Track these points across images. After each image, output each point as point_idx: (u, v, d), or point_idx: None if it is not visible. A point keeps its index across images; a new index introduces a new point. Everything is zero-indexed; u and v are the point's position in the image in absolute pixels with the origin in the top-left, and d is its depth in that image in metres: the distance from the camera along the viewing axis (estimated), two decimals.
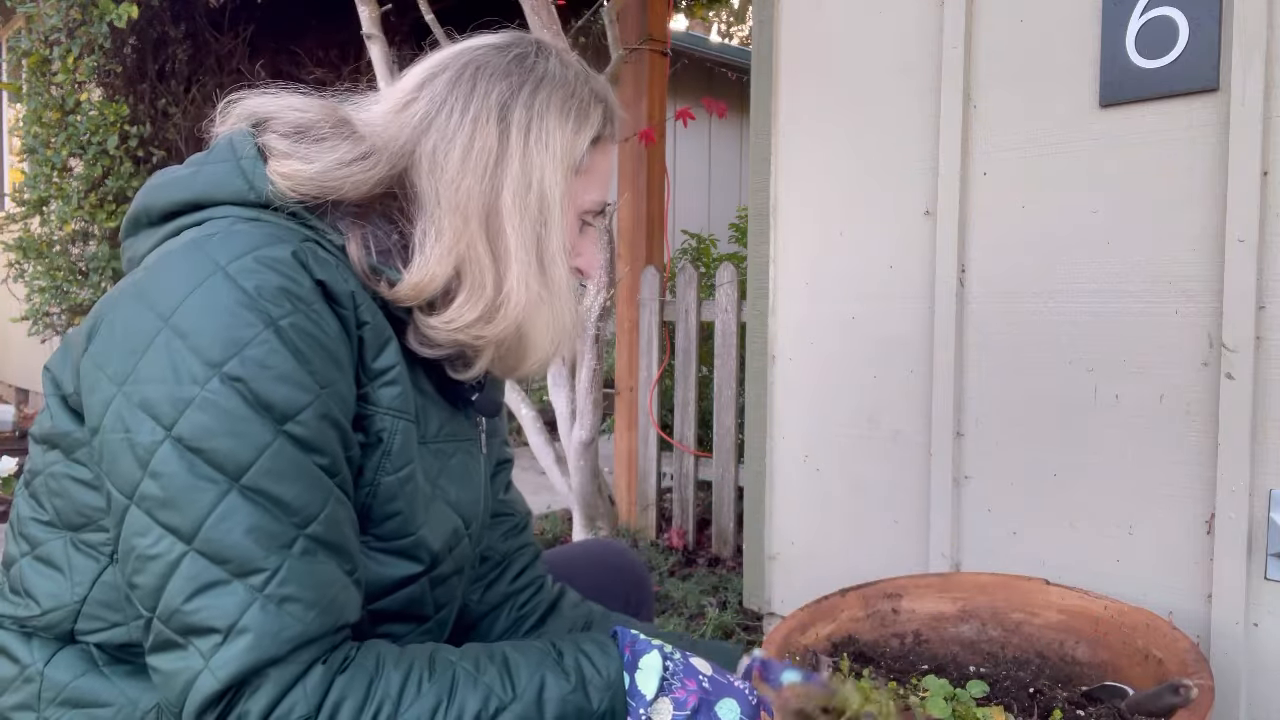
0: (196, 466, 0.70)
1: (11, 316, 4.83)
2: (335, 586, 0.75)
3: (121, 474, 0.73)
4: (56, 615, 0.82)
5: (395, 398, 0.84)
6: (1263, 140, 1.38)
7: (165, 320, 0.73)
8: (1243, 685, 1.43)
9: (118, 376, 0.74)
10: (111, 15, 3.80)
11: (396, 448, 0.84)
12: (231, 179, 0.83)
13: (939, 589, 1.52)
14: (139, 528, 0.72)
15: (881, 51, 1.88)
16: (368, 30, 2.43)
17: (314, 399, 0.74)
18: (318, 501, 0.74)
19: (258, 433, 0.72)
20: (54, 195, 4.23)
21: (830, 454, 1.99)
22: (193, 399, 0.71)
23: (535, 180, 0.88)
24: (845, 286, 1.95)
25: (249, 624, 0.69)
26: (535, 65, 0.92)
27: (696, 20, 9.02)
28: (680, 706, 0.84)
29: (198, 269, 0.74)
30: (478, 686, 0.78)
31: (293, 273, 0.76)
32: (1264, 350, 1.41)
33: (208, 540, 0.70)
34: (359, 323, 0.81)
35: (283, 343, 0.73)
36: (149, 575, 0.71)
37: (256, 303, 0.73)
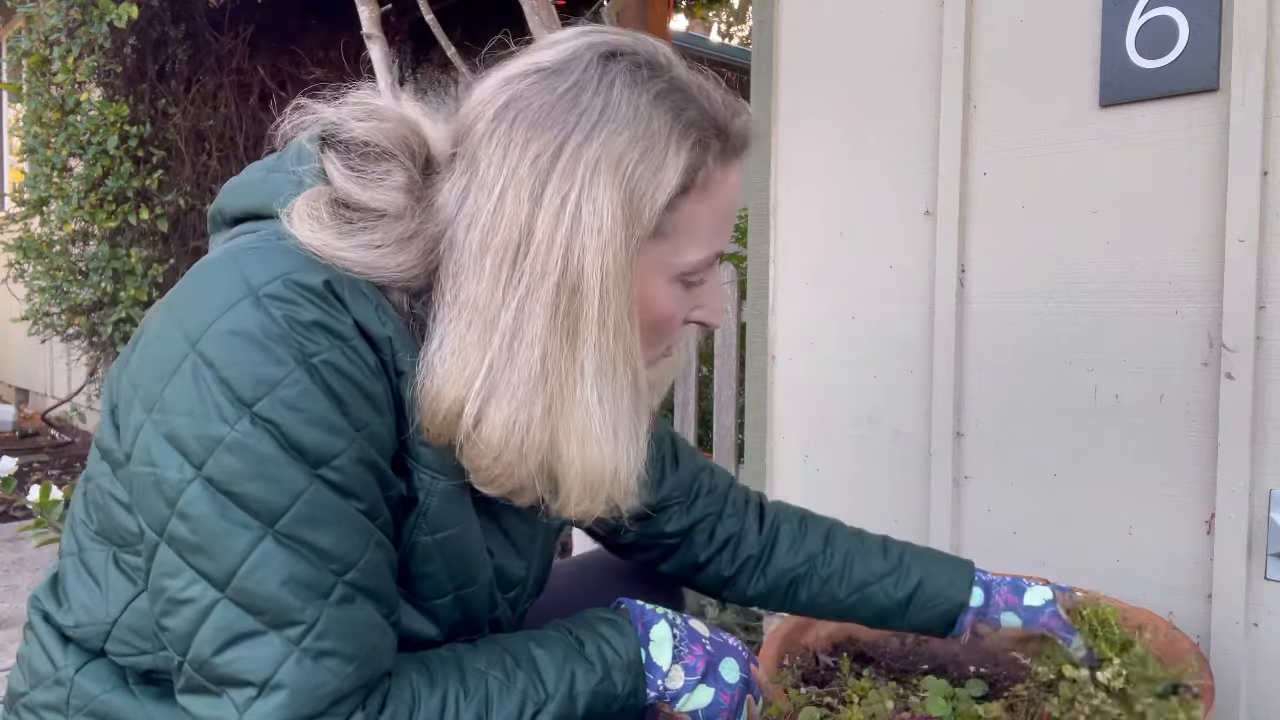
0: (229, 511, 0.66)
1: (11, 316, 4.83)
2: (374, 634, 0.71)
3: (150, 509, 0.69)
4: (88, 631, 0.79)
5: (434, 457, 0.76)
6: (1263, 140, 1.38)
7: (193, 345, 0.68)
8: (1243, 685, 1.43)
9: (147, 402, 0.69)
10: (111, 15, 3.80)
11: (434, 509, 0.77)
12: (286, 190, 0.76)
13: None
14: (170, 568, 0.68)
15: (882, 51, 1.88)
16: (368, 30, 2.43)
17: (349, 444, 0.69)
18: (358, 548, 0.70)
19: (291, 478, 0.67)
20: (54, 195, 4.23)
21: (830, 454, 1.99)
22: (222, 438, 0.66)
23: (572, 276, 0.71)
24: (845, 286, 1.95)
25: (284, 679, 0.66)
26: (591, 103, 0.72)
27: (696, 20, 9.02)
28: (691, 672, 0.85)
29: (229, 290, 0.68)
30: (512, 694, 0.76)
31: (328, 304, 0.69)
32: (1264, 350, 1.41)
33: (241, 589, 0.66)
34: (397, 370, 0.73)
35: (315, 383, 0.67)
36: (180, 620, 0.68)
37: (289, 336, 0.67)
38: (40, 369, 5.97)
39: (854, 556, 1.12)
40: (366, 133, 0.77)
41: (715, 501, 1.14)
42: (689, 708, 0.85)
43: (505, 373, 0.71)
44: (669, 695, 0.85)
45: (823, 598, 1.12)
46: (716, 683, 0.86)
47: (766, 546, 1.14)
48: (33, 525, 1.41)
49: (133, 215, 4.26)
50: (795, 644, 1.37)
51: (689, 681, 0.85)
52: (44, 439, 5.22)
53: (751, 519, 1.15)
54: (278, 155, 0.80)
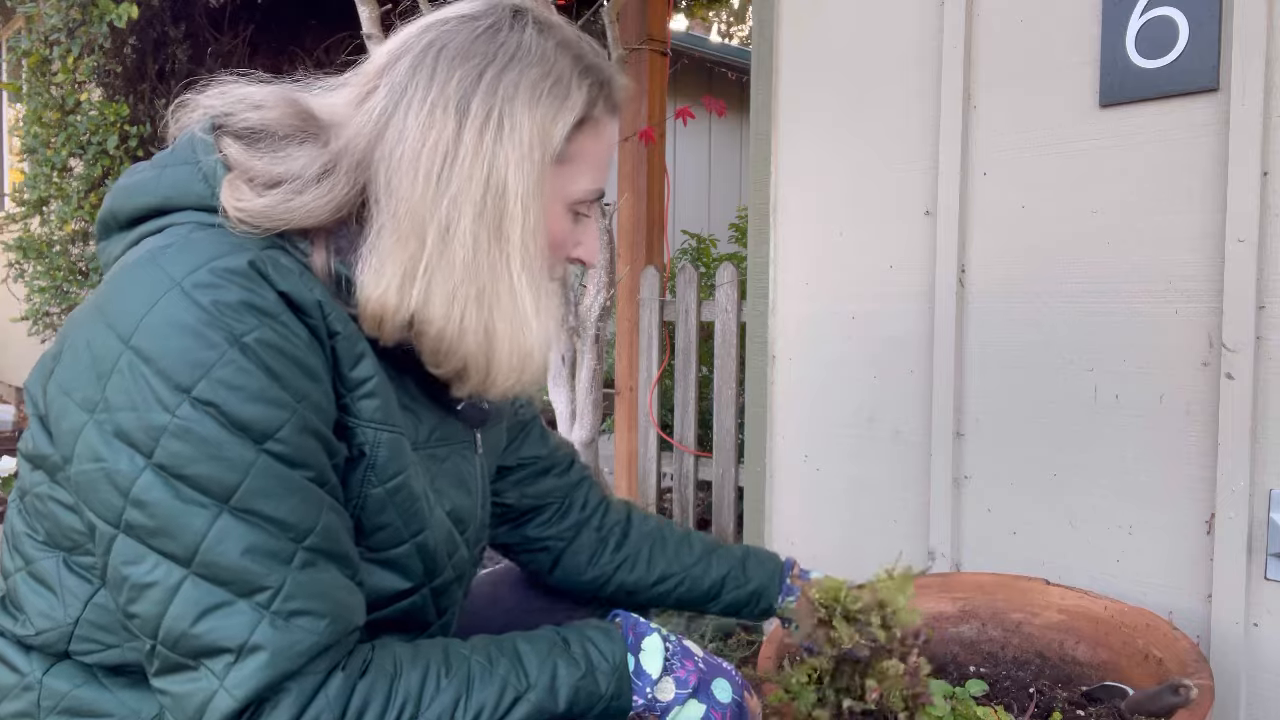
0: (182, 492, 0.69)
1: (11, 316, 4.83)
2: (341, 591, 0.74)
3: (102, 503, 0.70)
4: (50, 635, 0.80)
5: (376, 410, 0.80)
6: (1263, 140, 1.38)
7: (126, 343, 0.70)
8: (1243, 685, 1.43)
9: (86, 403, 0.71)
10: (111, 15, 3.80)
11: (381, 460, 0.81)
12: (193, 183, 0.79)
13: (939, 589, 1.52)
14: (130, 556, 0.70)
15: (882, 51, 1.88)
16: (368, 30, 2.43)
17: (291, 415, 0.72)
18: (312, 515, 0.73)
19: (238, 454, 0.69)
20: (54, 195, 4.23)
21: (830, 454, 1.99)
22: (166, 426, 0.68)
23: (496, 180, 0.79)
24: (845, 286, 1.95)
25: (261, 641, 0.68)
26: (507, 40, 0.82)
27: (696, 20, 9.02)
28: (682, 685, 0.87)
29: (154, 285, 0.71)
30: (493, 679, 0.78)
31: (252, 284, 0.72)
32: (1264, 350, 1.41)
33: (206, 563, 0.68)
34: (330, 332, 0.77)
35: (250, 360, 0.70)
36: (148, 603, 0.69)
37: (217, 320, 0.70)
38: None
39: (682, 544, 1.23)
40: (258, 120, 0.81)
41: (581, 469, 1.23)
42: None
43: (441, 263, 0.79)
44: (659, 707, 0.86)
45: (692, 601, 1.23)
46: (708, 700, 0.88)
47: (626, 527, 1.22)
48: None
49: None
50: (794, 645, 1.37)
51: (680, 695, 0.86)
52: None
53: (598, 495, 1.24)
54: (169, 151, 0.83)
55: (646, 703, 0.86)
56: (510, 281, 0.81)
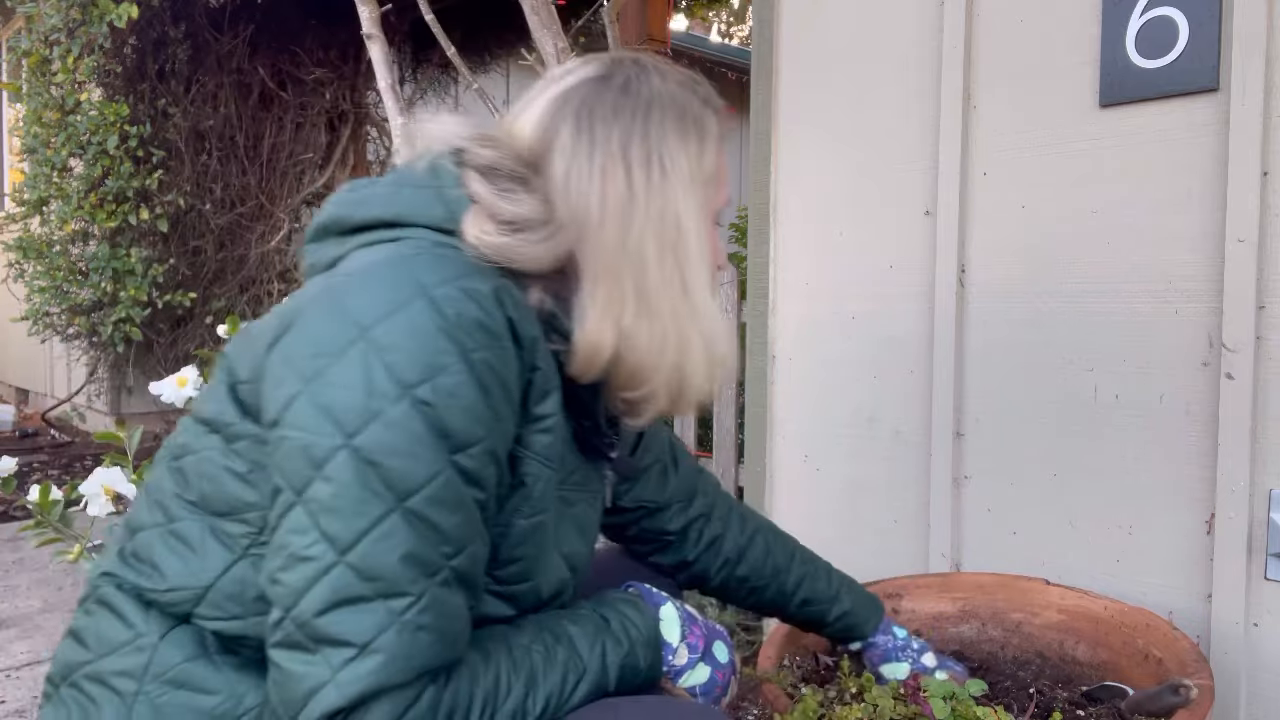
0: (369, 480, 0.71)
1: (11, 316, 4.83)
2: (460, 621, 0.76)
3: (294, 470, 0.73)
4: (180, 595, 0.82)
5: (547, 446, 0.85)
6: (1263, 140, 1.38)
7: (364, 331, 0.74)
8: (1243, 685, 1.43)
9: (305, 374, 0.75)
10: (111, 15, 3.80)
11: (537, 494, 0.85)
12: (431, 205, 0.85)
13: (939, 589, 1.52)
14: (298, 526, 0.72)
15: (881, 51, 1.88)
16: (368, 30, 2.43)
17: (487, 435, 0.76)
18: (467, 536, 0.76)
19: (432, 459, 0.73)
20: (54, 195, 4.23)
21: (830, 454, 1.99)
22: (380, 413, 0.72)
23: (670, 212, 0.88)
24: (845, 286, 1.95)
25: (383, 646, 0.70)
26: (640, 90, 0.91)
27: (696, 20, 9.02)
28: (693, 650, 0.93)
29: (403, 287, 0.76)
30: (555, 666, 0.83)
31: (491, 308, 0.77)
32: (1264, 350, 1.41)
33: (363, 555, 0.71)
34: (533, 366, 0.82)
35: (472, 376, 0.75)
36: (296, 575, 0.72)
37: (455, 332, 0.74)
38: (40, 369, 5.97)
39: (806, 579, 1.27)
40: (492, 159, 0.88)
41: (707, 504, 1.25)
42: (688, 684, 0.93)
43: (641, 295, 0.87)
44: (673, 672, 0.92)
45: (775, 606, 1.28)
46: (712, 662, 0.94)
47: (741, 552, 1.25)
48: (33, 525, 1.41)
49: (133, 215, 4.26)
50: (795, 644, 1.37)
51: (691, 659, 0.92)
52: (44, 439, 5.22)
53: (734, 523, 1.27)
54: (405, 172, 0.89)
55: (666, 669, 0.92)
56: (697, 298, 0.89)
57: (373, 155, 5.88)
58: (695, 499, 1.23)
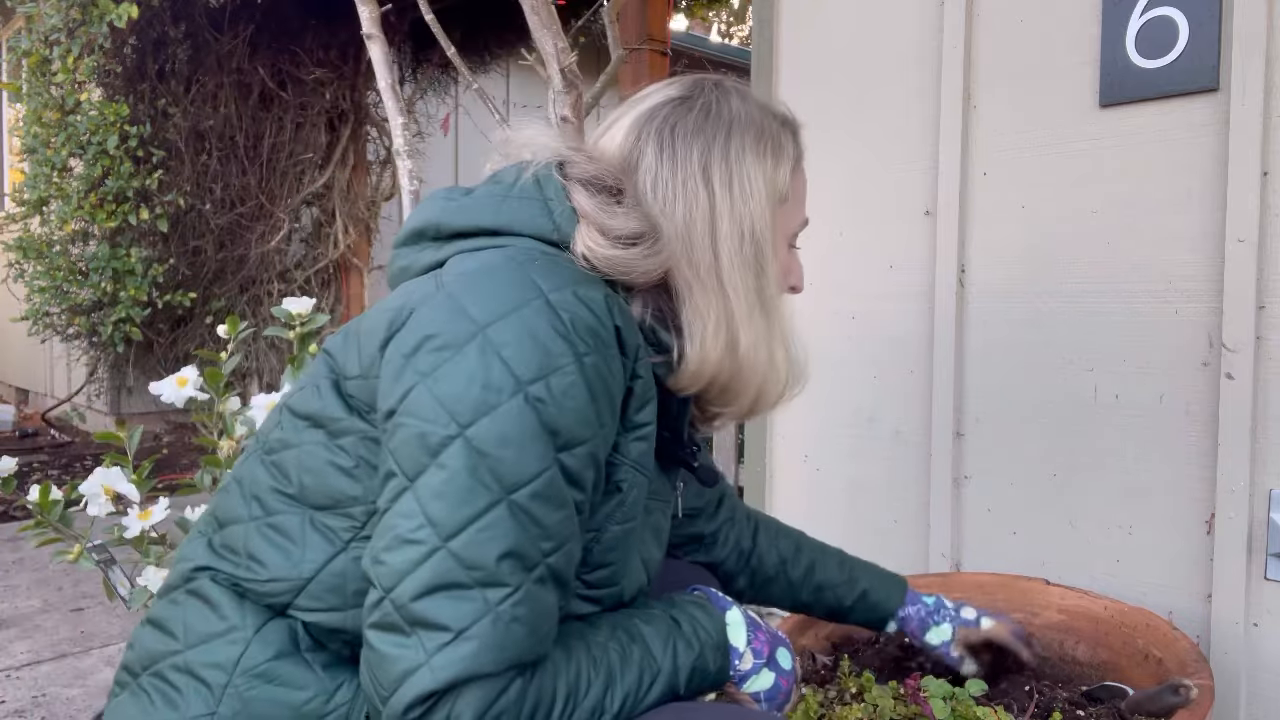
0: (478, 470, 0.74)
1: (11, 316, 4.83)
2: (551, 619, 0.78)
3: (408, 457, 0.76)
4: (280, 586, 0.83)
5: (643, 453, 0.87)
6: (1263, 140, 1.38)
7: (482, 329, 0.77)
8: (1243, 685, 1.43)
9: (424, 368, 0.77)
10: (111, 15, 3.81)
11: (630, 500, 0.87)
12: (538, 217, 0.88)
13: (939, 589, 1.52)
14: (408, 511, 0.75)
15: (881, 51, 1.88)
16: (368, 30, 2.43)
17: (592, 437, 0.79)
18: (565, 534, 0.78)
19: (540, 455, 0.75)
20: (54, 195, 4.23)
21: (830, 454, 1.99)
22: (495, 406, 0.74)
23: (747, 229, 0.92)
24: (845, 286, 1.95)
25: (478, 634, 0.72)
26: (721, 111, 0.94)
27: (696, 20, 9.02)
28: (758, 655, 0.93)
29: (521, 289, 0.79)
30: (631, 665, 0.83)
31: (603, 315, 0.80)
32: (1264, 350, 1.41)
33: (466, 543, 0.73)
34: (634, 375, 0.85)
35: (583, 379, 0.77)
36: (399, 557, 0.74)
37: (569, 335, 0.77)
38: (40, 369, 5.97)
39: (816, 565, 1.30)
40: (594, 172, 0.91)
41: (731, 506, 1.30)
42: (753, 689, 0.93)
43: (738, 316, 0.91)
44: (738, 676, 0.92)
45: (787, 596, 1.30)
46: (776, 669, 0.94)
47: (753, 549, 1.29)
48: (33, 525, 1.41)
49: (133, 215, 4.26)
50: (793, 644, 1.37)
51: (756, 664, 0.93)
52: (44, 439, 5.22)
53: (746, 525, 1.30)
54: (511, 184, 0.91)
55: (733, 674, 0.92)
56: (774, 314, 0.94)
57: (373, 155, 5.88)
58: (724, 502, 1.28)
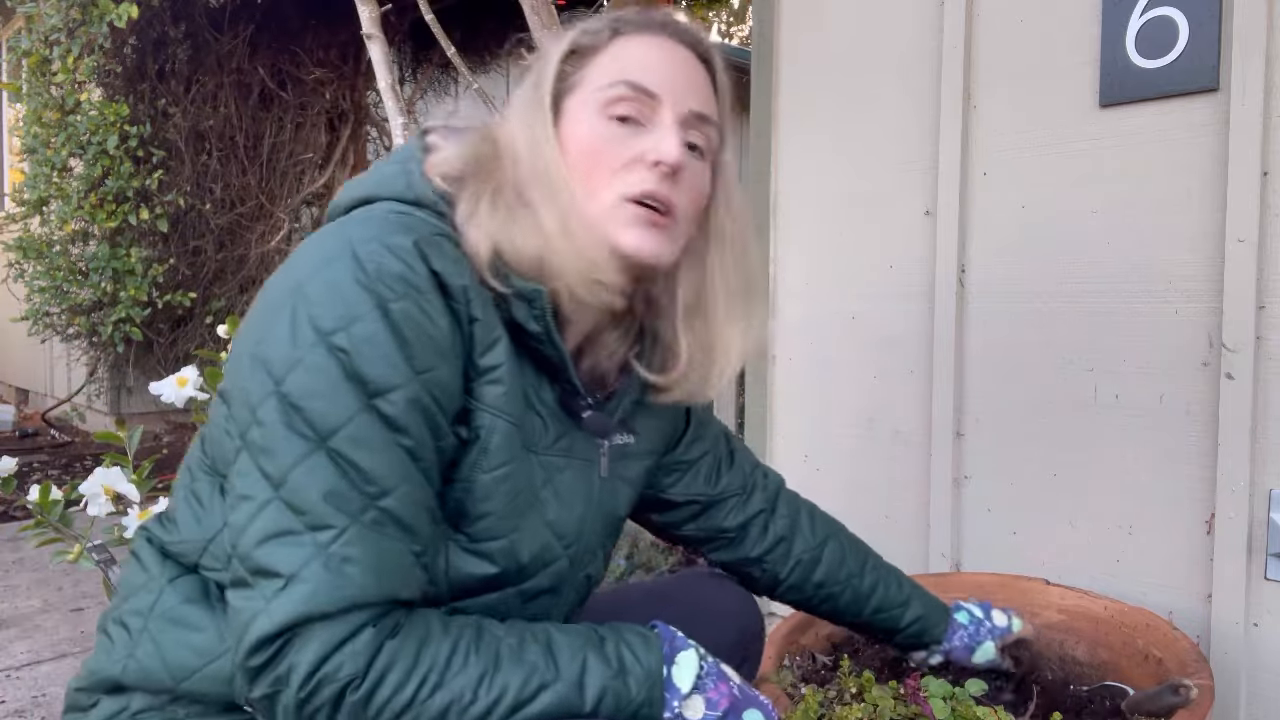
0: (293, 422, 0.76)
1: (11, 316, 4.83)
2: (397, 561, 0.78)
3: (240, 419, 0.80)
4: (188, 546, 0.88)
5: (499, 396, 0.86)
6: (1263, 140, 1.38)
7: (298, 287, 0.80)
8: (1243, 685, 1.43)
9: (252, 335, 0.81)
10: (111, 15, 3.80)
11: (494, 445, 0.86)
12: (395, 179, 0.90)
13: (939, 589, 1.52)
14: (243, 468, 0.78)
15: (881, 51, 1.88)
16: (368, 30, 2.43)
17: (406, 382, 0.79)
18: (394, 476, 0.78)
19: (348, 401, 0.77)
20: (54, 195, 4.23)
21: (830, 454, 1.99)
22: (300, 360, 0.77)
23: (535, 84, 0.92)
24: (845, 286, 1.95)
25: (309, 576, 0.73)
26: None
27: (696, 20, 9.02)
28: (713, 707, 0.86)
29: (333, 246, 0.81)
30: (522, 663, 0.80)
31: (411, 260, 0.81)
32: (1264, 350, 1.41)
33: (292, 490, 0.75)
34: (470, 318, 0.84)
35: (388, 325, 0.78)
36: (240, 514, 0.77)
37: (373, 284, 0.78)
38: (40, 369, 5.97)
39: (879, 585, 1.25)
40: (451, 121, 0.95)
41: (767, 500, 1.23)
42: None
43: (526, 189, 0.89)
44: None
45: (849, 612, 1.24)
46: None
47: (817, 553, 1.22)
48: (33, 525, 1.41)
49: (133, 215, 4.26)
50: (794, 644, 1.37)
51: (709, 715, 0.85)
52: (44, 439, 5.22)
53: (804, 521, 1.24)
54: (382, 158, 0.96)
55: (673, 717, 0.84)
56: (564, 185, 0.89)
57: (372, 155, 5.88)
58: (754, 495, 1.21)
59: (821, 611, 1.25)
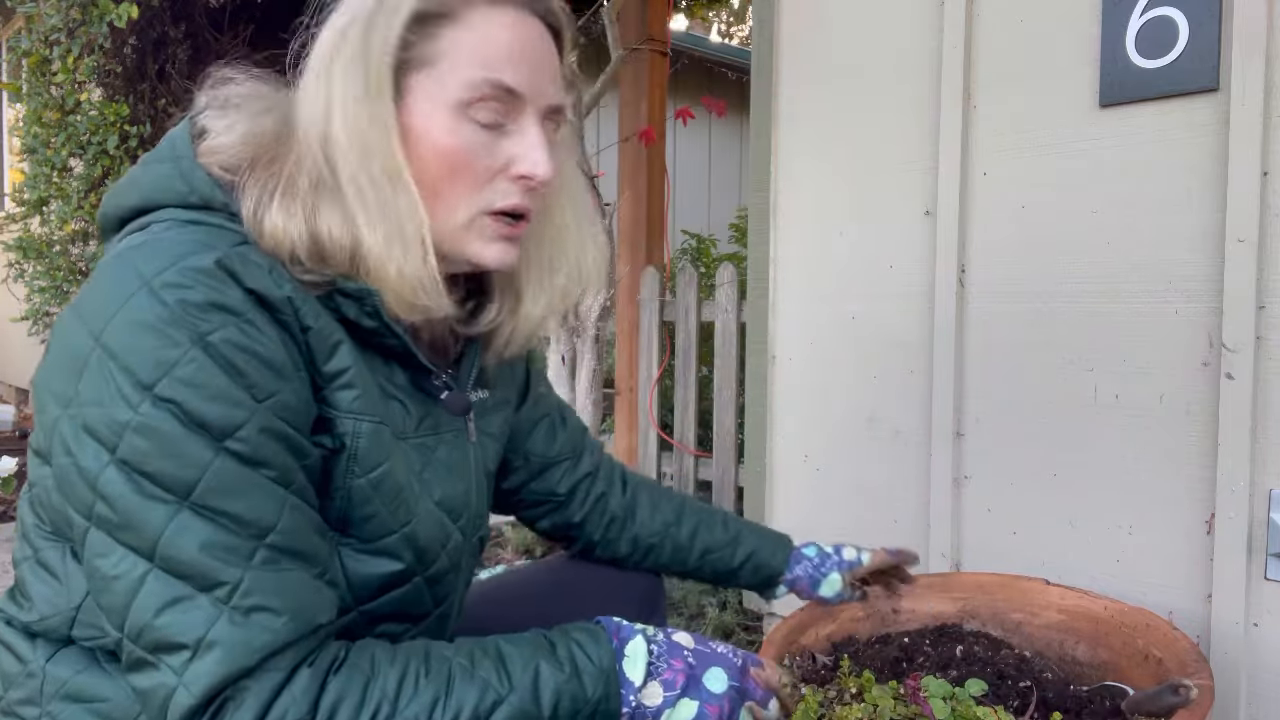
0: (144, 488, 0.69)
1: (11, 316, 4.83)
2: (304, 589, 0.74)
3: (75, 497, 0.72)
4: (54, 621, 0.81)
5: (354, 400, 0.81)
6: (1263, 140, 1.38)
7: (97, 339, 0.71)
8: (1243, 685, 1.43)
9: (61, 399, 0.73)
10: (111, 15, 3.80)
11: (362, 450, 0.81)
12: (171, 182, 0.80)
13: (939, 589, 1.52)
14: (100, 549, 0.71)
15: (882, 51, 1.88)
16: None
17: (251, 415, 0.72)
18: (271, 512, 0.73)
19: (197, 452, 0.70)
20: (54, 195, 4.22)
21: (830, 454, 1.99)
22: (129, 423, 0.69)
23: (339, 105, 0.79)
24: (845, 286, 1.95)
25: (216, 637, 0.68)
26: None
27: (696, 20, 9.02)
28: (669, 688, 0.84)
29: (124, 283, 0.72)
30: (474, 680, 0.77)
31: (218, 284, 0.72)
32: (1264, 350, 1.41)
33: (166, 558, 0.69)
34: (302, 327, 0.78)
35: (212, 359, 0.71)
36: (114, 595, 0.70)
37: (183, 319, 0.70)
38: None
39: (700, 527, 1.25)
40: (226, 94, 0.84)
41: (593, 462, 1.24)
42: None
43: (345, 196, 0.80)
44: (649, 713, 0.83)
45: (676, 561, 1.25)
46: (700, 695, 0.84)
47: (628, 511, 1.24)
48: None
49: None
50: (793, 645, 1.37)
51: (669, 698, 0.83)
52: None
53: (616, 482, 1.25)
54: (153, 150, 0.84)
55: (631, 710, 0.83)
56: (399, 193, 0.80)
57: None
58: (583, 457, 1.22)
59: (649, 567, 1.25)
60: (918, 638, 1.46)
